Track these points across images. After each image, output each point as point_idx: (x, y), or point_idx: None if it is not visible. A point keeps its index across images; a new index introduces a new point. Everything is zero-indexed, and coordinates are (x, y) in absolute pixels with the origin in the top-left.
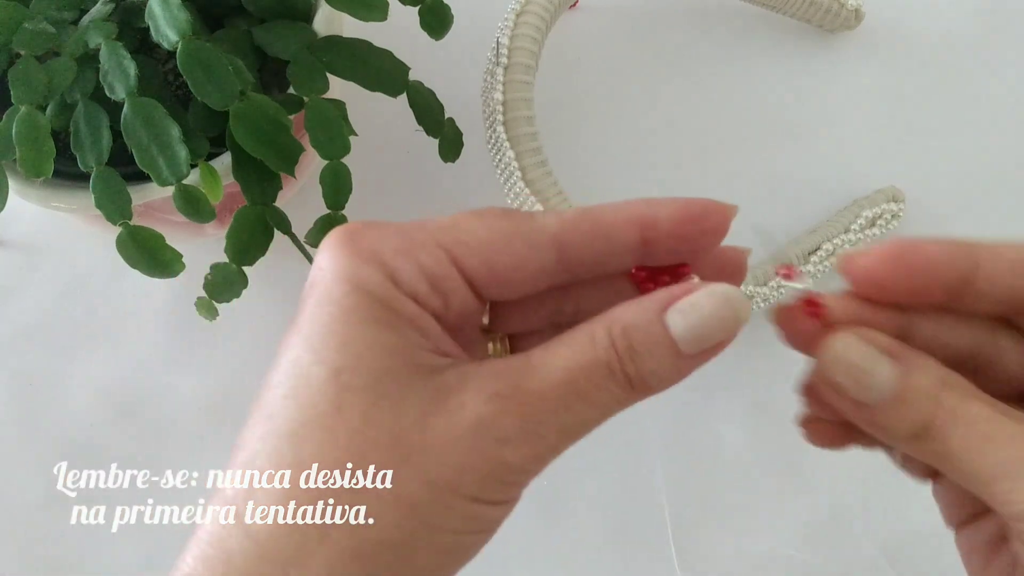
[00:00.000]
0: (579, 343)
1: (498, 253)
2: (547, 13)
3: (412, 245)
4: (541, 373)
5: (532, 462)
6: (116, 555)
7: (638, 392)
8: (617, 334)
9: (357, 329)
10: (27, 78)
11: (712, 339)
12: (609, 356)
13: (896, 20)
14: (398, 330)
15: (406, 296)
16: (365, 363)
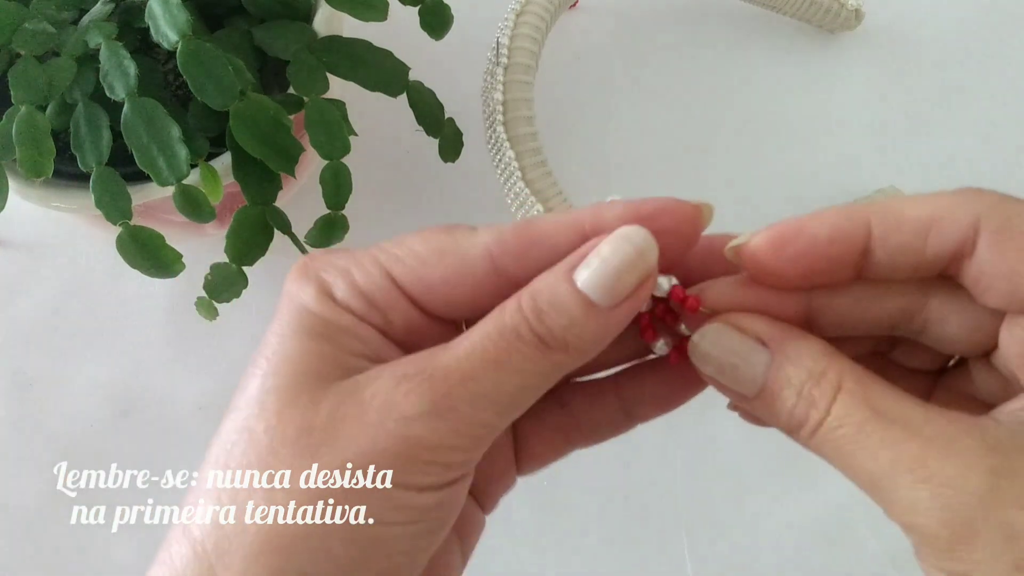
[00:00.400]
0: (489, 317)
1: (430, 267)
2: (547, 13)
3: (350, 265)
4: (451, 350)
5: (452, 437)
6: (116, 555)
7: (558, 352)
8: (524, 299)
9: (288, 339)
10: (27, 78)
11: (622, 283)
12: (516, 320)
13: (896, 20)
14: (330, 339)
15: (342, 309)
16: (288, 366)
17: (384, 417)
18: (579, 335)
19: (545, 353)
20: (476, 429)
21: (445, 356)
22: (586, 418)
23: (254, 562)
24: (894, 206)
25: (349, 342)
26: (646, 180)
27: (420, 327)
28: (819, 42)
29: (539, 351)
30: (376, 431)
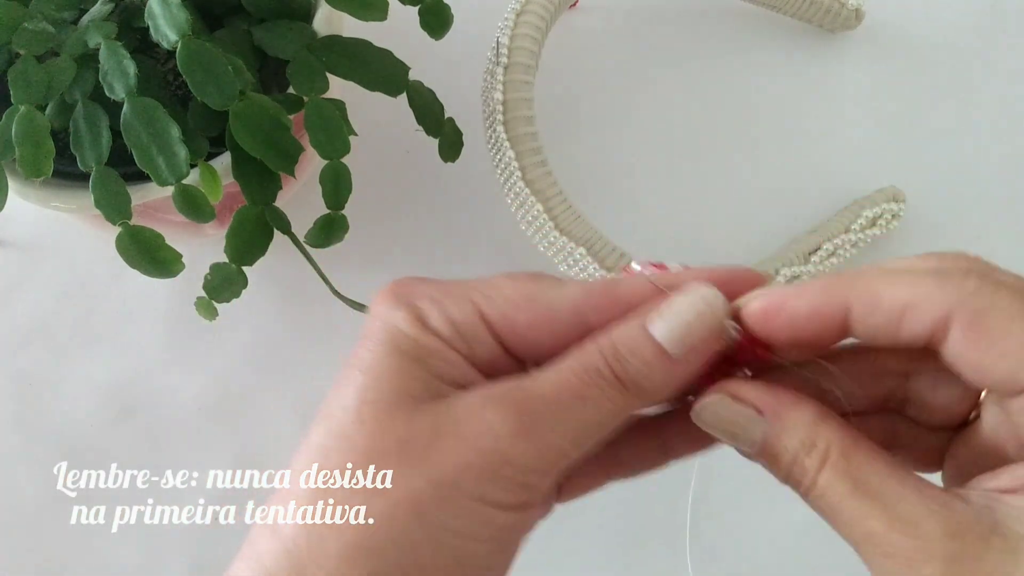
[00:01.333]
0: (572, 354)
1: (519, 312)
2: (547, 13)
3: (443, 296)
4: (537, 379)
5: (535, 459)
6: (116, 555)
7: (632, 393)
8: (605, 342)
9: (383, 358)
10: (27, 78)
11: (694, 336)
12: (597, 360)
13: (896, 20)
14: (421, 361)
15: (431, 335)
16: (385, 382)
17: (476, 434)
18: (651, 379)
19: (621, 393)
20: (554, 454)
21: (533, 383)
22: (627, 454)
23: (349, 564)
24: (872, 286)
25: (438, 365)
26: (646, 180)
27: (500, 363)
28: (819, 42)
29: (616, 390)
30: (469, 447)
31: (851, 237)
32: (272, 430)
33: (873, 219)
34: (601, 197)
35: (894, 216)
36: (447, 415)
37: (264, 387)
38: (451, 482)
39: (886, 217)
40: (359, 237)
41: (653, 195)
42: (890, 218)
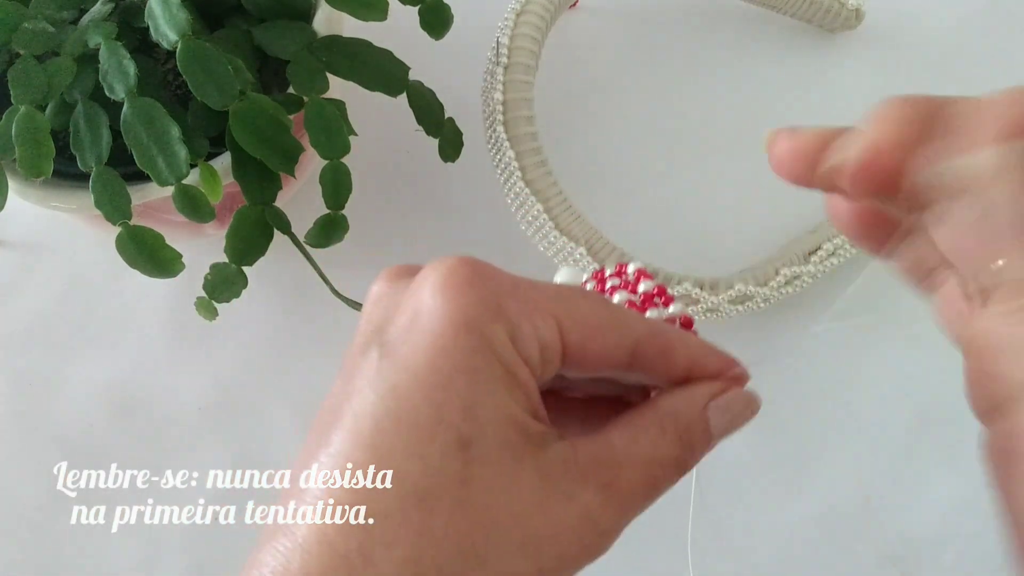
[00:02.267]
0: (654, 439)
1: (594, 338)
2: (547, 13)
3: (533, 308)
4: (631, 466)
5: (607, 548)
6: (116, 555)
7: (680, 477)
8: (682, 431)
9: (483, 395)
10: (27, 78)
11: (732, 432)
12: (677, 452)
13: (897, 20)
14: (513, 395)
15: (522, 360)
16: (489, 434)
17: (584, 529)
18: (698, 460)
19: (680, 475)
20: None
21: (629, 473)
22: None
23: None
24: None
25: (523, 400)
26: (646, 180)
27: (550, 379)
28: (819, 42)
29: (678, 475)
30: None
31: None
32: (272, 430)
33: None
34: (601, 197)
35: None
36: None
37: (264, 387)
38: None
39: None
40: (359, 237)
41: (653, 195)
42: None
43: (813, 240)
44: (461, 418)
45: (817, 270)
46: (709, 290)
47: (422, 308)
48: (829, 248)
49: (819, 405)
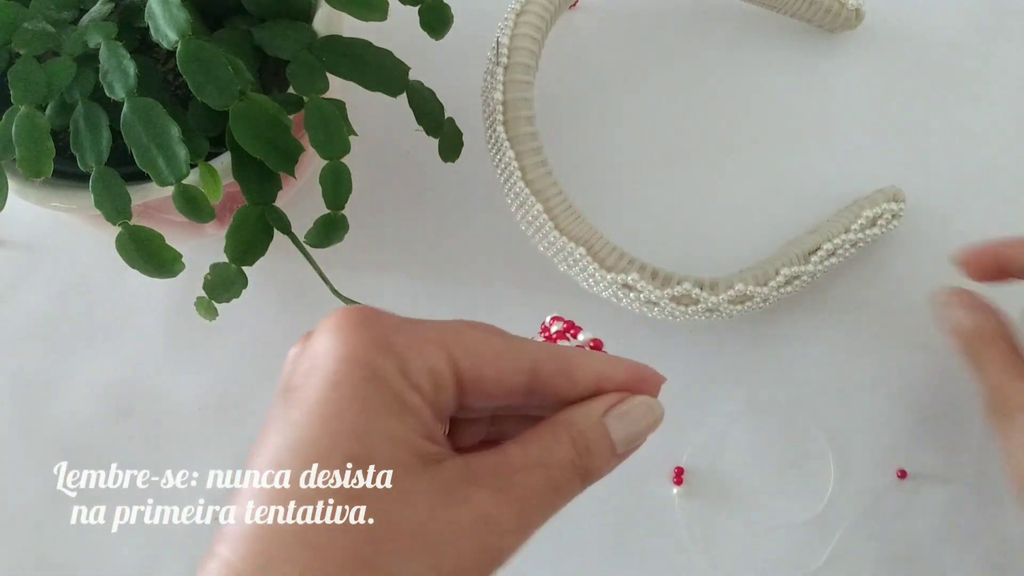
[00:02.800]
0: (549, 444)
1: (487, 366)
2: (547, 13)
3: (421, 341)
4: (528, 471)
5: (518, 550)
6: (116, 555)
7: (587, 483)
8: (576, 436)
9: (372, 420)
10: (26, 78)
11: (638, 439)
12: (572, 455)
13: (897, 20)
14: (404, 420)
15: (412, 388)
16: (379, 455)
17: (482, 529)
18: (602, 472)
19: (583, 484)
20: (527, 542)
21: (527, 478)
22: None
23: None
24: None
25: (416, 424)
26: (647, 180)
27: (448, 410)
28: (819, 42)
29: (581, 482)
30: (475, 541)
31: (851, 237)
32: None
33: (873, 219)
34: (601, 197)
35: (894, 216)
36: (446, 498)
37: (264, 387)
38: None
39: (886, 217)
40: (359, 237)
41: (653, 195)
42: (890, 218)
43: (813, 240)
44: (350, 442)
45: (817, 270)
46: (709, 290)
47: (318, 352)
48: (829, 248)
49: (817, 404)
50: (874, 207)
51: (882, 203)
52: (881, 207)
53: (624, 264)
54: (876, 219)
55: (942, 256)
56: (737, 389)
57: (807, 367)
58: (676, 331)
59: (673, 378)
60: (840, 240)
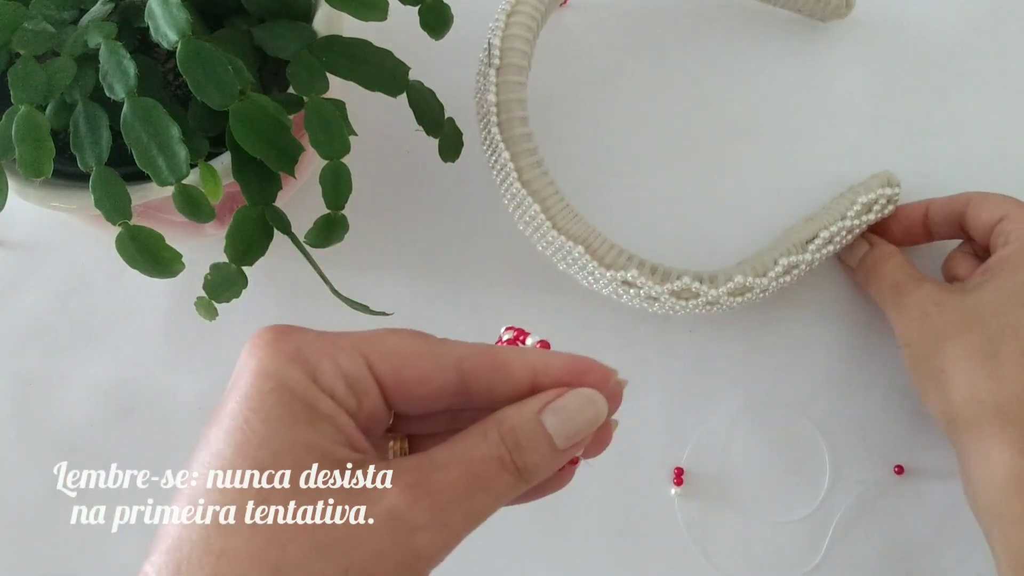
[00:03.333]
0: (475, 441)
1: (407, 367)
2: (538, 13)
3: (334, 348)
4: (446, 467)
5: (439, 550)
6: (116, 555)
7: (525, 479)
8: (505, 432)
9: (277, 428)
10: (26, 78)
11: (579, 433)
12: (500, 451)
13: (887, 7)
14: (315, 426)
15: (325, 394)
16: (283, 462)
17: (391, 526)
18: (541, 468)
19: (517, 479)
20: (456, 541)
21: (442, 474)
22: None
23: None
24: (977, 203)
25: (330, 431)
26: (642, 175)
27: (379, 415)
28: (810, 32)
29: (514, 477)
30: (383, 538)
31: (847, 224)
32: None
33: (869, 204)
34: (598, 195)
35: (889, 201)
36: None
37: None
38: (363, 571)
39: (881, 202)
40: (359, 237)
41: (649, 191)
42: (885, 203)
43: (809, 228)
44: (256, 449)
45: (815, 258)
46: (708, 283)
47: (237, 371)
48: (826, 236)
49: (814, 400)
50: (869, 193)
51: (877, 188)
52: (876, 192)
53: (623, 261)
54: (872, 205)
55: (938, 244)
56: (736, 388)
57: (804, 364)
58: (676, 328)
59: (673, 378)
60: (837, 227)
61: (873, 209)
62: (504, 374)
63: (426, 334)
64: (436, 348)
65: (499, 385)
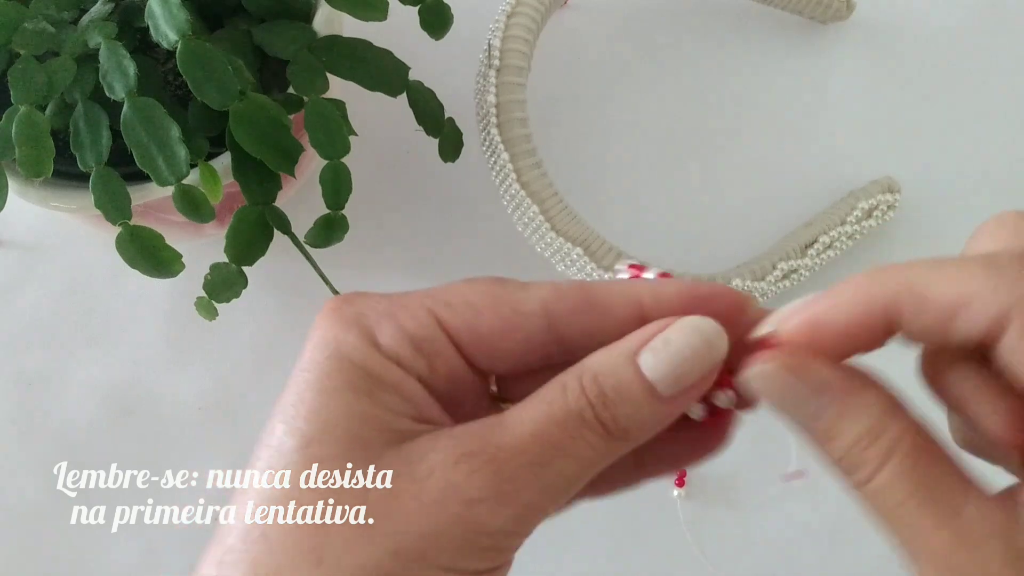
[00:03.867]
0: (551, 395)
1: (483, 316)
2: (538, 14)
3: (397, 308)
4: (512, 428)
5: (513, 523)
6: (116, 555)
7: (617, 439)
8: (588, 381)
9: (329, 397)
10: (27, 78)
11: (688, 375)
12: (581, 404)
13: (888, 9)
14: (374, 396)
15: (388, 359)
16: (333, 432)
17: (446, 498)
18: (641, 423)
19: (605, 440)
20: (533, 513)
21: (507, 436)
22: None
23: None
24: (918, 284)
25: (393, 401)
26: (641, 177)
27: (461, 377)
28: (811, 34)
29: (600, 437)
30: (438, 515)
31: (847, 229)
32: None
33: (869, 210)
34: (597, 196)
35: (890, 207)
36: (407, 470)
37: (264, 387)
38: (417, 554)
39: (882, 208)
40: (359, 237)
41: (648, 192)
42: (886, 209)
43: (809, 233)
44: (306, 423)
45: (814, 263)
46: None
47: (305, 345)
48: (826, 241)
49: None
50: (869, 198)
51: (877, 194)
52: (876, 198)
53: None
54: (872, 210)
55: (938, 247)
56: None
57: None
58: None
59: None
60: (836, 232)
61: (873, 215)
62: (601, 313)
63: (507, 279)
64: (516, 293)
65: (598, 327)
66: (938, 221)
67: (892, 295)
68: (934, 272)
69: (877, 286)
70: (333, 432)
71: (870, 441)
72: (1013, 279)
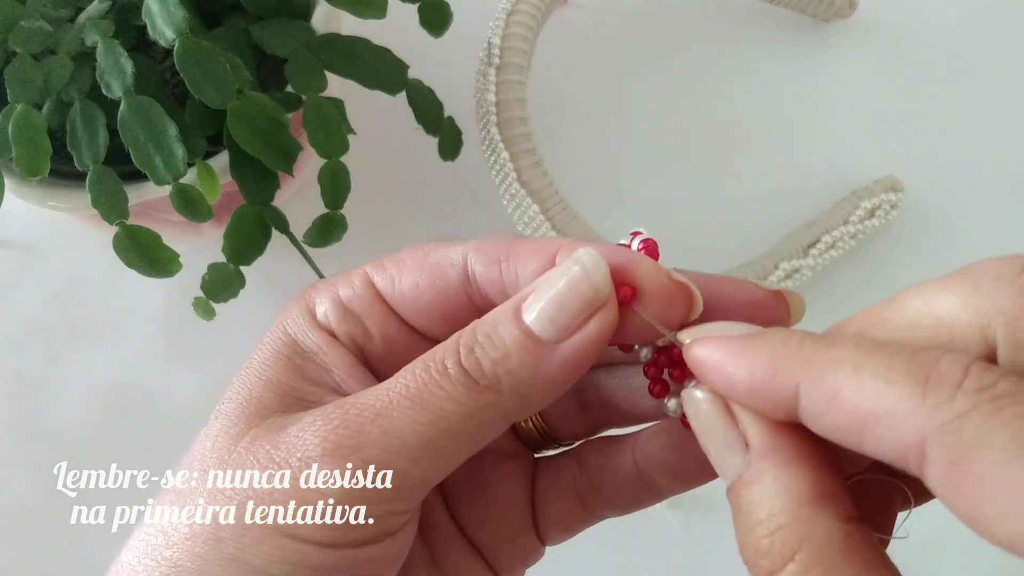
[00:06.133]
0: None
1: (408, 271)
2: (538, 12)
3: (339, 279)
4: (378, 386)
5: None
6: (116, 555)
7: (485, 390)
8: (466, 330)
9: (256, 370)
10: (23, 76)
11: (567, 311)
12: (446, 352)
13: (891, 7)
14: (295, 366)
15: (321, 329)
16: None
17: (287, 456)
18: (513, 372)
19: (471, 391)
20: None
21: (365, 395)
22: (602, 480)
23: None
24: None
25: (314, 371)
26: (642, 176)
27: (397, 339)
28: (814, 32)
29: (464, 388)
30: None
31: (850, 229)
32: None
33: (872, 210)
34: (597, 195)
35: (893, 206)
36: (275, 432)
37: None
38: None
39: (884, 207)
40: (358, 237)
41: (650, 191)
42: (889, 208)
43: (811, 233)
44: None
45: (816, 263)
46: None
47: None
48: (828, 241)
49: None
50: (872, 197)
51: (880, 193)
52: (879, 197)
53: None
54: (875, 210)
55: (942, 246)
56: None
57: None
58: None
59: None
60: (839, 232)
61: (876, 214)
62: (515, 264)
63: (450, 239)
64: (444, 247)
65: (512, 281)
66: (941, 220)
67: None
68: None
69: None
70: (240, 396)
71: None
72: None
